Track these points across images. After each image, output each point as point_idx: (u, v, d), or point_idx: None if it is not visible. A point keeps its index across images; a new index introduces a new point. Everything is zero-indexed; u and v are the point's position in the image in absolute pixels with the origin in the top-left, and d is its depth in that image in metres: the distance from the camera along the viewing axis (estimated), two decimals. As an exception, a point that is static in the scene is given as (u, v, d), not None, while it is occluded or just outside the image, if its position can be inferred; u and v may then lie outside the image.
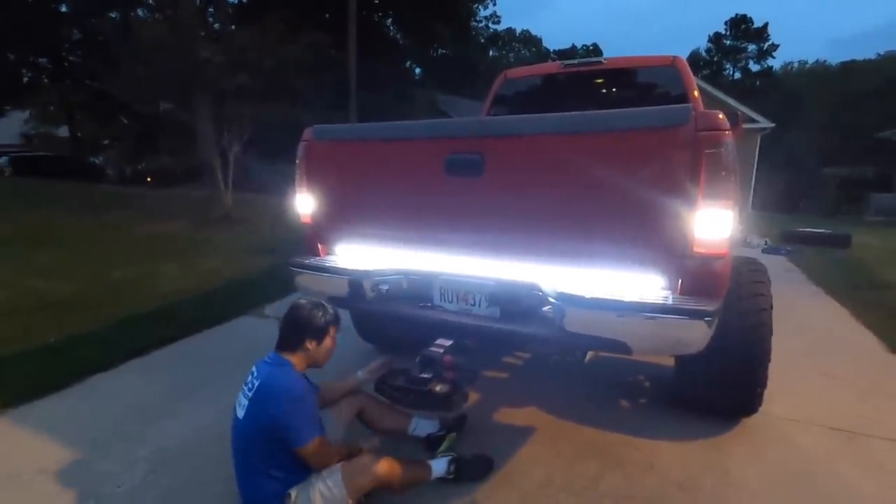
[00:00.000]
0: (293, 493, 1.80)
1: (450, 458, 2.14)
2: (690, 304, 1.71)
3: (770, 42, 43.27)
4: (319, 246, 2.64)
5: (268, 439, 1.78)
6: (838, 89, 35.93)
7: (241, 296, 4.91)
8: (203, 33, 10.00)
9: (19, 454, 2.40)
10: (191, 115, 9.63)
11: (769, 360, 2.36)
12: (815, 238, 8.36)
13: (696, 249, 1.76)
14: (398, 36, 25.88)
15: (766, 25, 43.04)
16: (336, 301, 2.21)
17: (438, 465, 2.11)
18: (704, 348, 1.76)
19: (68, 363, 3.30)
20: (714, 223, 1.72)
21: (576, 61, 4.23)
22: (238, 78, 8.83)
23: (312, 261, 2.53)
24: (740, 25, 43.82)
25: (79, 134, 23.64)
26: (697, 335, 1.70)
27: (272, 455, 1.79)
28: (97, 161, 25.39)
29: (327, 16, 19.76)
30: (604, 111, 1.90)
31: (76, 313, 4.27)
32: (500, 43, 44.35)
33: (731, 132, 1.70)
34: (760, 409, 2.54)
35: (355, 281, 2.26)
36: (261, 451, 1.80)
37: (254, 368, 1.94)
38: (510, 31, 47.09)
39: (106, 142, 24.15)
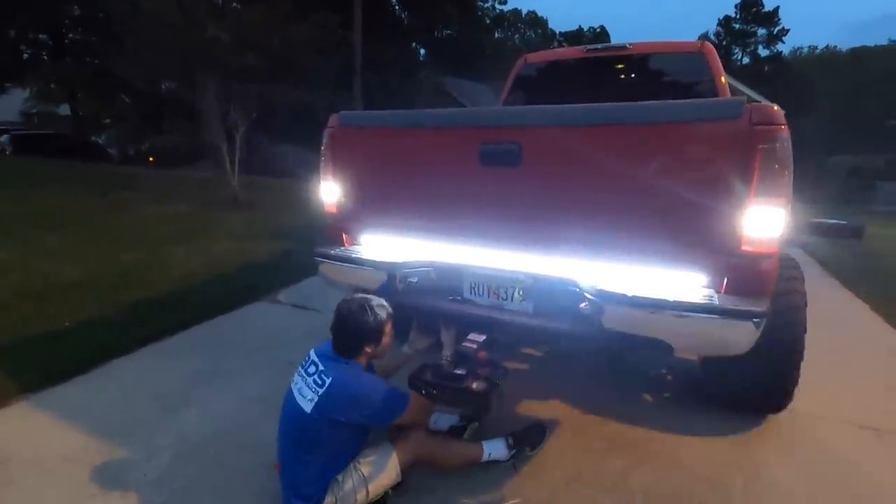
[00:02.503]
0: (340, 477, 1.84)
1: (505, 438, 2.16)
2: (739, 305, 1.66)
3: (780, 26, 42.46)
4: (344, 236, 2.58)
5: (341, 432, 1.84)
6: (848, 76, 35.42)
7: (254, 281, 4.87)
8: (208, 10, 9.76)
9: (42, 440, 2.38)
10: (196, 94, 9.48)
11: (802, 359, 2.33)
12: (828, 228, 8.24)
13: (744, 248, 1.70)
14: (403, 16, 25.40)
15: (776, 9, 42.15)
16: (366, 293, 2.16)
17: (494, 448, 2.14)
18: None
19: (84, 348, 3.28)
20: (765, 221, 1.66)
21: (599, 46, 4.10)
22: (245, 57, 8.66)
23: (340, 251, 2.48)
24: (751, 9, 42.92)
25: (80, 112, 23.37)
26: (745, 336, 1.66)
27: (338, 444, 1.85)
28: (99, 140, 25.16)
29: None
30: (649, 102, 1.82)
31: (87, 297, 4.24)
32: (505, 24, 43.60)
33: (786, 126, 1.63)
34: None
35: (389, 273, 2.21)
36: (325, 441, 1.83)
37: (315, 358, 1.94)
38: (516, 11, 46.27)
39: (108, 121, 23.90)
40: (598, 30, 47.06)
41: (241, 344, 3.51)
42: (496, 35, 40.78)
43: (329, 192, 2.52)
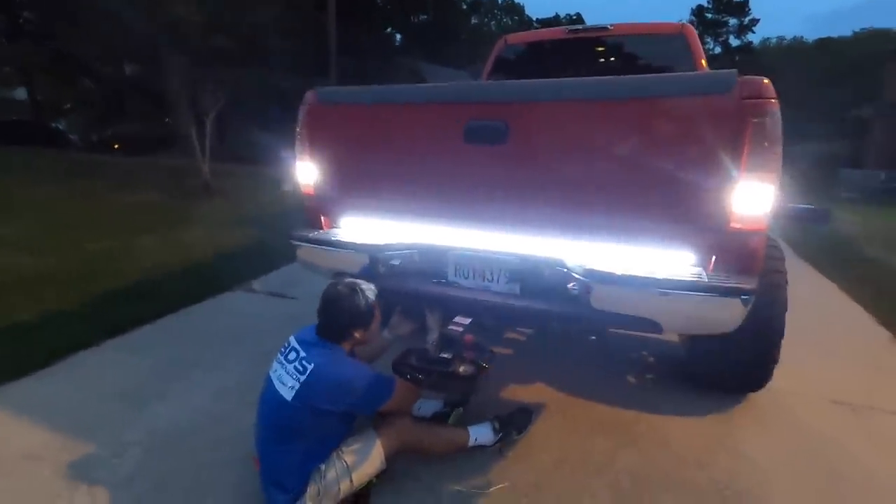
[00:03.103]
0: (323, 466, 1.77)
1: (491, 423, 2.12)
2: (728, 282, 1.64)
3: (751, 16, 43.28)
4: (322, 218, 2.48)
5: (324, 420, 1.77)
6: (813, 66, 36.44)
7: (227, 270, 4.71)
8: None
9: (2, 438, 2.23)
10: (163, 78, 9.08)
11: (782, 337, 2.35)
12: (797, 214, 8.48)
13: (733, 224, 1.68)
14: (379, 0, 24.90)
15: (747, 0, 42.91)
16: (346, 277, 2.08)
17: (481, 433, 2.10)
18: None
19: (47, 341, 3.10)
20: (755, 197, 1.64)
21: (580, 27, 4.05)
22: (214, 39, 8.31)
23: (318, 234, 2.38)
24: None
25: (39, 98, 22.21)
26: (733, 314, 1.64)
27: (321, 433, 1.79)
28: (60, 126, 24.01)
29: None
30: (639, 76, 1.77)
31: (51, 289, 4.02)
32: (481, 10, 43.17)
33: (777, 100, 1.60)
34: (765, 384, 2.55)
35: (371, 256, 2.13)
36: (307, 430, 1.76)
37: (295, 345, 1.86)
38: (492, -3, 45.82)
39: (69, 106, 22.79)
40: (575, 17, 47.11)
41: (214, 334, 3.38)
42: (472, 21, 40.39)
43: (306, 172, 2.40)
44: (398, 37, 28.41)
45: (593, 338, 2.64)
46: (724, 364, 2.45)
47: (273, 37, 10.29)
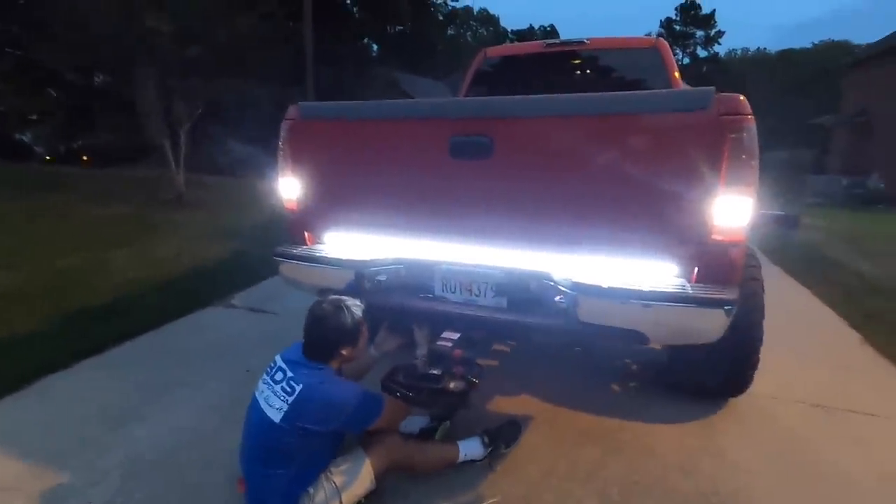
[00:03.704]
0: (311, 489, 1.74)
1: (480, 437, 2.11)
2: (711, 293, 1.68)
3: (717, 29, 44.90)
4: (306, 234, 2.45)
5: (312, 441, 1.73)
6: (777, 76, 37.93)
7: (205, 285, 4.60)
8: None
9: (-33, 471, 2.13)
10: (134, 88, 8.88)
11: (762, 343, 2.41)
12: (768, 219, 8.78)
13: (714, 237, 1.73)
14: (354, 10, 24.93)
15: (713, 12, 44.56)
16: (330, 294, 2.05)
17: (470, 447, 2.08)
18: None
19: (18, 364, 2.97)
20: (734, 210, 1.69)
21: (557, 41, 4.13)
22: (188, 49, 8.18)
23: (302, 250, 2.35)
24: (689, 12, 45.14)
25: (1, 108, 21.40)
26: (716, 324, 1.69)
27: (309, 454, 1.75)
28: (24, 138, 23.16)
29: (280, -15, 18.68)
30: (620, 93, 1.82)
31: (20, 307, 3.86)
32: (458, 21, 43.69)
33: (752, 116, 1.66)
34: (746, 388, 2.61)
35: (356, 272, 2.11)
36: (295, 452, 1.72)
37: (282, 364, 1.82)
38: (468, 8, 46.49)
39: (34, 117, 21.99)
40: (549, 28, 48.07)
41: (193, 352, 3.29)
42: (449, 32, 40.81)
43: (289, 188, 2.38)
44: (375, 47, 28.49)
45: (578, 349, 2.66)
46: (706, 371, 2.50)
47: (248, 47, 10.17)
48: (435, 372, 1.87)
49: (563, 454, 2.28)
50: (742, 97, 1.67)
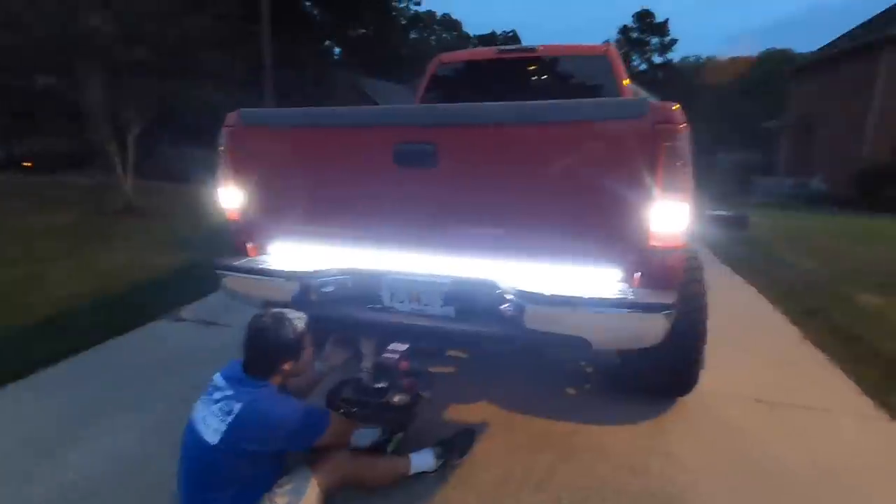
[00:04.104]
0: None
1: (432, 448, 2.08)
2: (651, 298, 1.71)
3: (670, 37, 46.62)
4: (249, 245, 2.37)
5: (253, 463, 1.67)
6: (727, 83, 39.72)
7: (152, 297, 4.40)
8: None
9: None
10: (78, 91, 8.45)
11: (705, 343, 2.49)
12: (718, 220, 9.18)
13: (653, 242, 1.76)
14: (315, 12, 24.55)
15: (666, 21, 46.26)
16: (277, 306, 1.99)
17: (422, 459, 2.04)
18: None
19: (-67, 390, 2.75)
20: (671, 216, 1.73)
21: (511, 48, 4.18)
22: (135, 51, 7.83)
23: (245, 262, 2.27)
24: (645, 19, 46.69)
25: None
26: (657, 328, 1.72)
27: (250, 477, 1.69)
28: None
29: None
30: (560, 101, 1.83)
31: (-59, 327, 3.58)
32: (421, 25, 43.76)
33: (686, 124, 1.70)
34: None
35: (302, 283, 2.05)
36: (235, 475, 1.66)
37: (220, 383, 1.75)
38: (431, 13, 46.58)
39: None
40: (511, 33, 48.75)
41: (136, 370, 3.13)
42: (412, 36, 40.78)
43: (230, 197, 2.29)
44: (337, 50, 28.14)
45: (531, 356, 2.66)
46: (654, 371, 2.56)
47: (202, 49, 9.84)
48: (381, 385, 1.83)
49: (517, 461, 2.28)
50: (676, 106, 1.71)
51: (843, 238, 8.72)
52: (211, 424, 1.66)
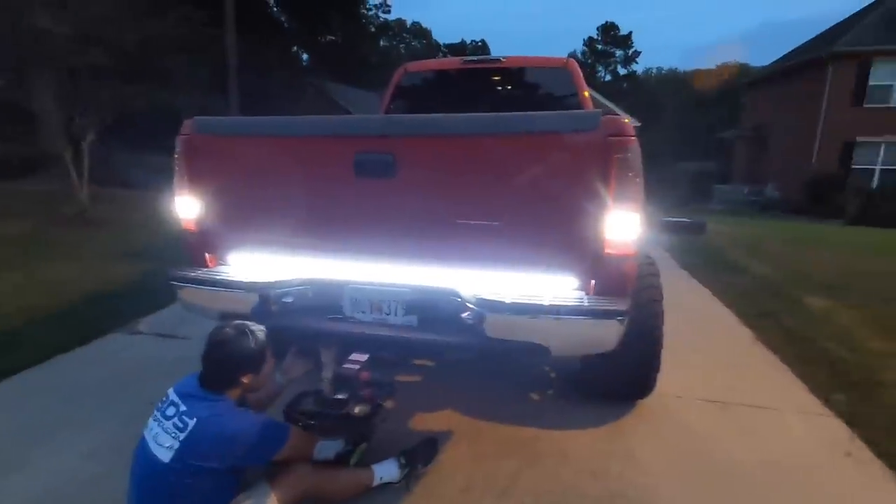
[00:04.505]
0: None
1: (396, 458, 2.06)
2: (604, 305, 1.76)
3: (633, 49, 48.26)
4: (207, 255, 2.32)
5: (208, 481, 1.61)
6: (687, 94, 41.36)
7: (108, 310, 4.23)
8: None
9: None
10: (28, 95, 8.07)
11: (662, 347, 2.57)
12: (677, 226, 9.48)
13: (607, 250, 1.82)
14: (282, 18, 24.29)
15: (630, 34, 47.95)
16: (236, 318, 1.95)
17: (385, 470, 2.02)
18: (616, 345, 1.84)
19: None
20: (624, 225, 1.79)
21: (476, 58, 4.25)
22: (91, 54, 7.54)
23: (203, 273, 2.21)
24: (609, 32, 48.27)
25: None
26: (611, 334, 1.77)
27: (204, 496, 1.63)
28: None
29: (200, -11, 17.82)
30: (516, 113, 1.88)
31: None
32: (390, 33, 43.84)
33: (636, 137, 1.77)
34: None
35: (261, 294, 2.02)
36: (189, 494, 1.60)
37: (174, 398, 1.69)
38: (400, 21, 46.78)
39: None
40: (480, 43, 49.43)
41: (89, 386, 3.00)
42: (382, 43, 40.80)
43: (186, 207, 2.24)
44: (305, 56, 27.90)
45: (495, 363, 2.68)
46: (614, 375, 2.63)
47: (163, 53, 9.57)
48: (341, 397, 1.81)
49: (482, 469, 2.29)
50: (627, 120, 1.78)
51: (793, 243, 9.18)
52: (163, 442, 1.61)
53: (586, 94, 3.91)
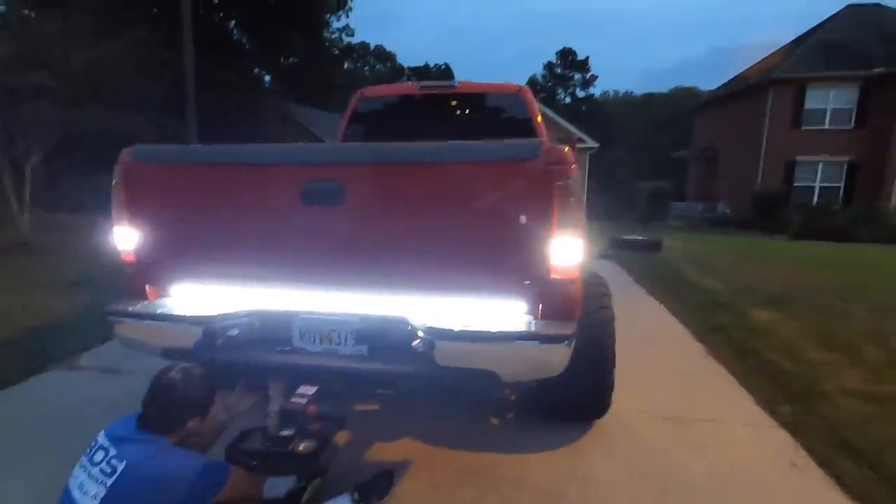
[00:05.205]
0: None
1: (350, 494, 1.98)
2: (552, 329, 1.78)
3: (591, 73, 50.20)
4: (147, 288, 2.22)
5: None
6: (643, 116, 43.26)
7: (46, 344, 3.98)
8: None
9: None
10: (-34, 117, 7.65)
11: (614, 366, 2.61)
12: (635, 244, 9.82)
13: (552, 275, 1.85)
14: (243, 40, 24.08)
15: (587, 58, 49.86)
16: (177, 353, 1.88)
17: None
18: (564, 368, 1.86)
19: None
20: (567, 250, 1.83)
21: (431, 83, 4.32)
22: (33, 76, 7.25)
23: (142, 306, 2.12)
24: (567, 57, 50.07)
25: None
26: (559, 358, 1.79)
27: None
28: None
29: (155, 10, 17.51)
30: (460, 142, 1.91)
31: None
32: (354, 56, 44.10)
33: (576, 165, 1.82)
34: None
35: (205, 328, 1.94)
36: None
37: (104, 442, 1.59)
38: (364, 44, 47.13)
39: None
40: (443, 66, 50.33)
41: (21, 426, 2.80)
42: (346, 66, 40.95)
43: (125, 238, 2.15)
44: (267, 78, 27.65)
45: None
46: (570, 396, 2.64)
47: (114, 75, 9.29)
48: (286, 433, 1.75)
49: (440, 499, 2.24)
50: (567, 148, 1.83)
51: (742, 258, 9.61)
52: (89, 490, 1.51)
53: (539, 118, 4.03)
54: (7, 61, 7.13)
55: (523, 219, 1.80)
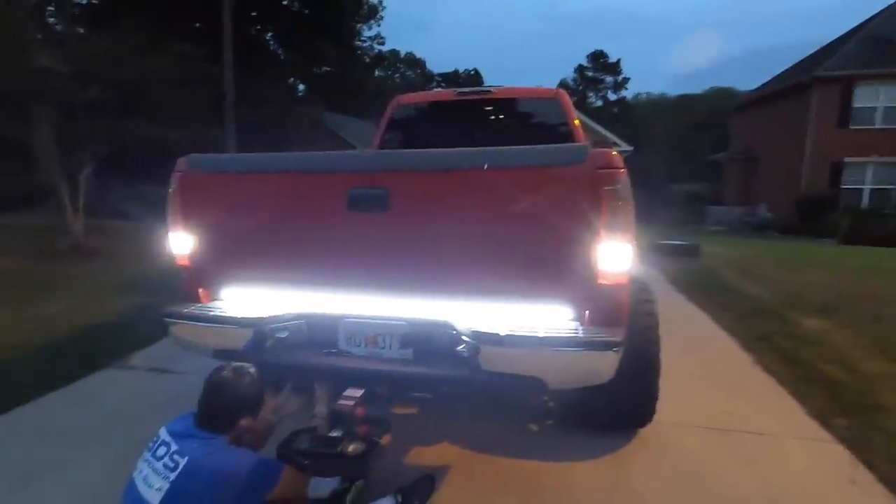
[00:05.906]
0: None
1: (393, 496, 2.00)
2: (600, 336, 1.76)
3: (622, 76, 49.44)
4: (201, 291, 2.31)
5: None
6: (677, 118, 42.20)
7: (100, 345, 4.18)
8: (41, 36, 8.53)
9: None
10: (27, 130, 8.16)
11: (660, 374, 2.55)
12: (672, 249, 9.57)
13: (600, 281, 1.82)
14: (279, 51, 24.83)
15: (618, 61, 49.19)
16: (229, 354, 1.94)
17: None
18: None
19: None
20: (616, 255, 1.80)
21: (468, 90, 4.33)
22: (89, 91, 7.67)
23: (196, 308, 2.20)
24: (598, 59, 49.50)
25: None
26: (608, 365, 1.76)
27: None
28: None
29: (197, 25, 18.29)
30: (505, 148, 1.91)
31: None
32: (385, 63, 44.79)
33: (624, 169, 1.80)
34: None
35: (255, 330, 2.00)
36: None
37: (166, 438, 1.65)
38: (395, 52, 47.85)
39: None
40: (473, 72, 50.50)
41: (74, 427, 2.92)
42: (377, 73, 41.62)
43: (180, 243, 2.24)
44: (301, 87, 28.40)
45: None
46: (613, 405, 2.59)
47: (159, 88, 9.73)
48: (335, 434, 1.78)
49: (480, 505, 2.24)
50: (615, 152, 1.81)
51: (786, 264, 9.22)
52: (154, 484, 1.57)
53: (577, 122, 3.99)
54: (66, 79, 7.56)
55: (570, 224, 1.78)
